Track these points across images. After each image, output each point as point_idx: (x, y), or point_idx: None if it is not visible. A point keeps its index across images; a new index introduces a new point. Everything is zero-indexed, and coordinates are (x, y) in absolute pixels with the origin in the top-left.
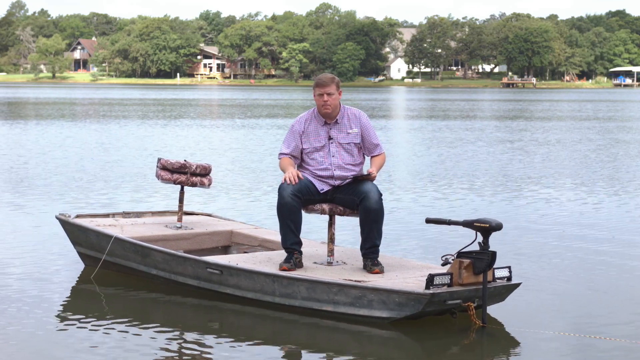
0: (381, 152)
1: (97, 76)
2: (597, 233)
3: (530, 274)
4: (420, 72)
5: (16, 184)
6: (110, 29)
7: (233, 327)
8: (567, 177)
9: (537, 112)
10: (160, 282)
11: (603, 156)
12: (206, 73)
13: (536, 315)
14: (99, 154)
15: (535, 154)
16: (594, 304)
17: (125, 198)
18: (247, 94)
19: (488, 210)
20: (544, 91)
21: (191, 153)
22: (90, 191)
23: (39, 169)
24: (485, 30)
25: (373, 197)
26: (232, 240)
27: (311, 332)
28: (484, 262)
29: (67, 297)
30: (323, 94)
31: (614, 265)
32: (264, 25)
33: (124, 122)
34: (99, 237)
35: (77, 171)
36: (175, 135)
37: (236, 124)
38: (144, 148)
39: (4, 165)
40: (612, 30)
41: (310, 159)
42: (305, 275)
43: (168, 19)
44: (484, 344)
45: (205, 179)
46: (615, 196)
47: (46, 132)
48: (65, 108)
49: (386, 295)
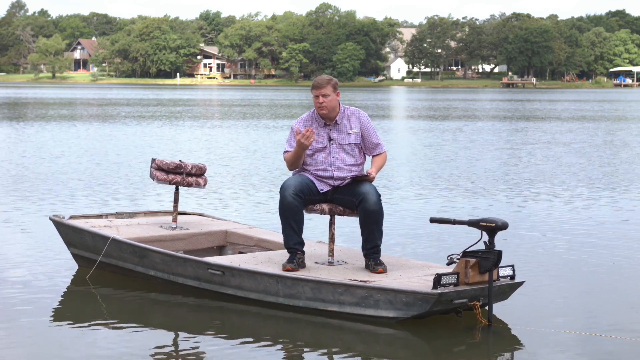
0: (382, 151)
1: (97, 76)
2: (599, 232)
3: (532, 273)
4: (420, 72)
5: (8, 185)
6: (110, 29)
7: (235, 327)
8: (569, 176)
9: (537, 112)
10: (158, 283)
11: (606, 156)
12: (206, 73)
13: (540, 313)
14: (92, 154)
15: (536, 154)
16: (598, 302)
17: (117, 198)
18: (247, 94)
19: (489, 210)
20: (544, 91)
21: (181, 151)
22: (82, 191)
23: (32, 170)
24: (485, 30)
25: (372, 198)
26: (227, 240)
27: (316, 331)
28: (490, 262)
29: (62, 298)
30: (319, 96)
31: (618, 263)
32: (264, 25)
33: (119, 123)
34: (94, 239)
35: (70, 171)
36: (170, 135)
37: (234, 124)
38: (138, 148)
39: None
40: (612, 30)
41: (311, 159)
42: (310, 275)
43: (168, 19)
44: (490, 342)
45: (200, 179)
46: (617, 195)
47: (40, 132)
48: (62, 108)
49: (393, 295)
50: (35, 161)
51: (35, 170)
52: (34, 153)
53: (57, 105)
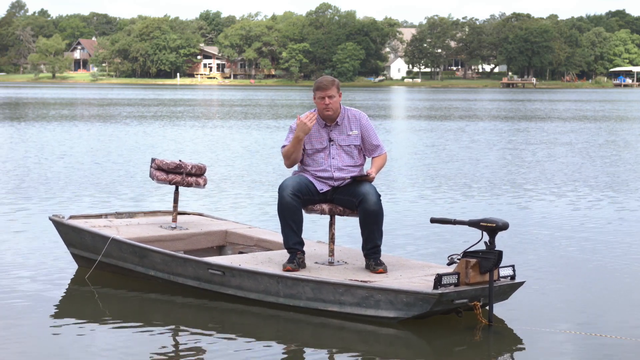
0: (382, 153)
1: (97, 76)
2: (600, 232)
3: (533, 273)
4: (420, 72)
5: (8, 185)
6: (110, 29)
7: (235, 327)
8: (570, 176)
9: (538, 112)
10: (158, 283)
11: (606, 156)
12: (206, 73)
13: (540, 313)
14: (93, 155)
15: (537, 154)
16: (598, 302)
17: (118, 198)
18: (247, 94)
19: (489, 210)
20: (544, 91)
21: (182, 152)
22: (82, 191)
23: (33, 170)
24: (485, 30)
25: (371, 198)
26: (227, 240)
27: (317, 332)
28: (491, 262)
29: (62, 298)
30: (324, 97)
31: (618, 263)
32: (264, 25)
33: (121, 123)
34: (94, 239)
35: (71, 172)
36: (172, 135)
37: (233, 124)
38: (137, 148)
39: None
40: (612, 30)
41: (311, 160)
42: (310, 275)
43: (168, 19)
44: (490, 342)
45: (200, 179)
46: (618, 196)
47: (42, 133)
48: (63, 108)
49: (394, 295)
50: (37, 161)
51: (37, 170)
52: (36, 153)
53: (58, 105)
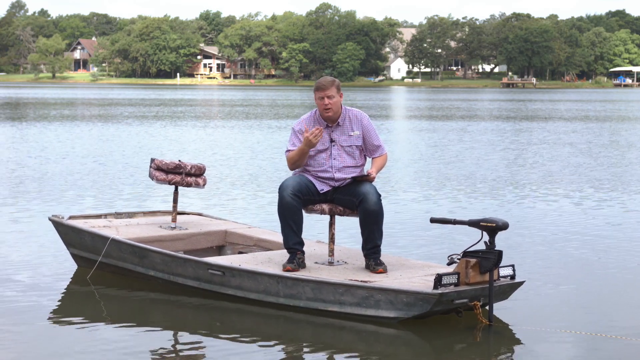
0: (382, 153)
1: (97, 76)
2: (600, 232)
3: (533, 273)
4: (420, 72)
5: (8, 185)
6: (110, 29)
7: (235, 327)
8: (570, 176)
9: (540, 112)
10: (158, 283)
11: (607, 156)
12: (206, 73)
13: (540, 313)
14: (95, 155)
15: (537, 153)
16: (598, 302)
17: (117, 198)
18: (248, 94)
19: (489, 210)
20: (544, 91)
21: (184, 152)
22: (82, 192)
23: (34, 170)
24: (485, 30)
25: (372, 198)
26: (226, 240)
27: (317, 332)
28: (491, 262)
29: (62, 298)
30: (324, 97)
31: (618, 263)
32: (264, 25)
33: (122, 123)
34: (94, 239)
35: (71, 172)
36: (174, 135)
37: (233, 124)
38: (138, 148)
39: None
40: (612, 30)
41: (312, 160)
42: (310, 276)
43: (168, 19)
44: (490, 342)
45: (200, 179)
46: (619, 195)
47: (43, 133)
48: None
49: (394, 295)
50: (38, 161)
51: (37, 170)
52: (38, 153)
53: (58, 105)
